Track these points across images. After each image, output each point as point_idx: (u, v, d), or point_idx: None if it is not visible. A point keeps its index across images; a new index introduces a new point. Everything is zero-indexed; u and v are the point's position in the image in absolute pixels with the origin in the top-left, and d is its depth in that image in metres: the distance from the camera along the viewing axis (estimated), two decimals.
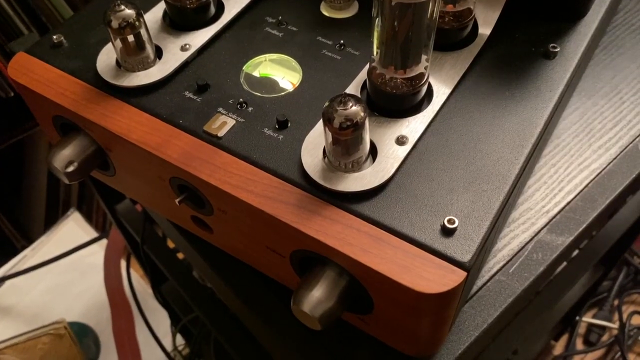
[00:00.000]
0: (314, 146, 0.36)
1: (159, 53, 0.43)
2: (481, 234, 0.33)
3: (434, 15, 0.33)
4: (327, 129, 0.33)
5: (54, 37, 0.44)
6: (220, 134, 0.38)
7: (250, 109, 0.39)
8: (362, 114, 0.33)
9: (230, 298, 0.48)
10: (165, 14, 0.45)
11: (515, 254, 0.44)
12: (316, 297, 0.33)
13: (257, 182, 0.36)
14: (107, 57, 0.42)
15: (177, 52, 0.42)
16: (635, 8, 0.61)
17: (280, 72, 0.42)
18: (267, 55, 0.43)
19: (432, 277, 0.31)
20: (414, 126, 0.37)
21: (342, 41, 0.43)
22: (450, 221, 0.33)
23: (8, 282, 1.12)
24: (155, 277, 0.90)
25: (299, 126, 0.38)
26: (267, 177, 0.36)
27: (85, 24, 0.46)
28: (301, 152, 0.36)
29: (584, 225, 0.45)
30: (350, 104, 0.32)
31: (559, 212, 0.46)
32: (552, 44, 0.41)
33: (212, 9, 0.44)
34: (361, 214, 0.34)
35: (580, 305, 1.12)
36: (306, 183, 0.35)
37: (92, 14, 0.46)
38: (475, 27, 0.42)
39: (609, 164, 0.49)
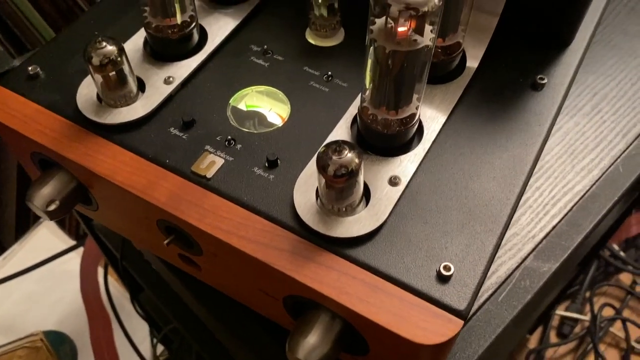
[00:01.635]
0: (306, 188, 0.36)
1: (141, 86, 0.41)
2: (476, 279, 0.33)
3: (427, 60, 0.33)
4: (321, 175, 0.33)
5: (30, 68, 0.42)
6: (209, 174, 0.37)
7: (238, 146, 0.39)
8: (356, 160, 0.32)
9: (221, 332, 0.47)
10: (146, 42, 0.43)
11: (504, 282, 0.44)
12: (311, 344, 0.33)
13: (248, 226, 0.35)
14: (87, 91, 0.40)
15: (160, 85, 0.41)
16: (614, 23, 0.61)
17: (267, 104, 0.41)
18: (253, 87, 0.42)
19: (430, 327, 0.31)
20: (405, 165, 0.37)
21: (329, 72, 0.42)
22: (446, 268, 0.33)
23: None
24: (133, 288, 0.89)
25: (290, 165, 0.38)
26: (259, 221, 0.35)
27: (62, 53, 0.44)
28: (293, 193, 0.36)
29: (570, 251, 0.46)
30: (345, 152, 0.32)
31: (544, 237, 0.47)
32: (539, 76, 0.41)
33: (195, 38, 0.43)
34: (356, 260, 0.33)
35: (554, 303, 1.15)
36: (299, 227, 0.35)
37: (68, 40, 0.45)
38: (464, 58, 0.42)
39: (592, 186, 0.49)
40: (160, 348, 1.06)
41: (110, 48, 0.37)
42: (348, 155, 0.32)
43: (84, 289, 1.10)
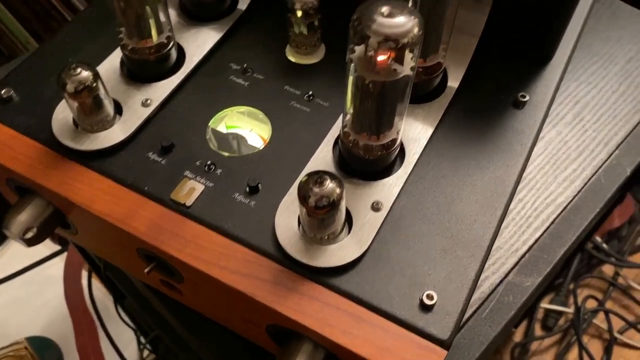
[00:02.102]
0: (287, 214, 0.35)
1: (118, 108, 0.40)
2: (459, 307, 0.33)
3: (408, 87, 0.33)
4: (302, 206, 0.32)
5: (2, 91, 0.41)
6: (189, 202, 0.37)
7: (219, 171, 0.38)
8: (338, 191, 0.32)
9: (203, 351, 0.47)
10: (122, 62, 0.42)
11: (487, 297, 0.45)
12: None
13: (230, 256, 0.35)
14: (63, 116, 0.40)
15: (137, 108, 0.40)
16: (596, 29, 0.61)
17: (248, 124, 0.41)
18: (233, 108, 0.41)
19: (414, 359, 0.31)
20: (388, 190, 0.36)
21: (310, 91, 0.42)
22: (429, 296, 0.33)
23: None
24: (117, 295, 0.88)
25: (271, 190, 0.37)
26: (241, 251, 0.35)
27: (36, 74, 0.43)
28: (275, 221, 0.35)
29: (552, 265, 0.46)
30: (327, 182, 0.31)
31: (527, 251, 0.47)
32: (521, 93, 0.41)
33: (173, 58, 0.42)
34: (339, 289, 0.33)
35: (539, 298, 1.16)
36: (282, 256, 0.34)
37: (42, 61, 0.44)
38: (445, 77, 0.41)
39: (574, 197, 0.50)
40: (147, 351, 1.05)
41: (85, 74, 0.36)
42: (329, 185, 0.31)
43: (68, 295, 1.09)
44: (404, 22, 0.29)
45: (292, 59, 0.44)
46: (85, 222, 0.40)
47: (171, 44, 0.41)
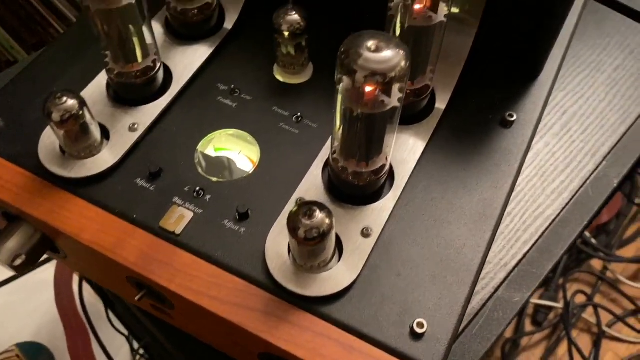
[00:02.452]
0: (278, 242, 0.35)
1: (105, 132, 0.40)
2: (449, 334, 0.33)
3: (396, 117, 0.33)
4: (292, 237, 0.32)
5: None
6: (178, 230, 0.36)
7: (208, 197, 0.38)
8: (327, 222, 0.32)
9: None
10: (108, 85, 0.42)
11: (477, 313, 0.45)
12: None
13: (220, 285, 0.35)
14: (49, 143, 0.39)
15: (124, 133, 0.40)
16: (582, 38, 0.61)
17: (236, 146, 0.41)
18: (221, 130, 0.41)
19: None
20: (377, 215, 0.37)
21: (299, 112, 0.42)
22: (420, 324, 0.33)
23: None
24: (108, 301, 0.88)
25: (261, 215, 0.37)
26: (231, 280, 0.35)
27: (20, 98, 0.42)
28: (265, 249, 0.35)
29: (541, 279, 0.46)
30: (316, 213, 0.31)
31: (516, 265, 0.47)
32: (509, 112, 0.41)
33: (160, 81, 0.42)
34: (330, 318, 0.33)
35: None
36: (273, 285, 0.34)
37: (26, 84, 0.43)
38: (433, 96, 0.41)
39: (562, 210, 0.50)
40: (139, 355, 1.05)
41: (71, 102, 0.36)
42: (319, 216, 0.31)
43: (58, 300, 1.08)
44: (390, 57, 0.29)
45: (280, 78, 0.44)
46: (75, 249, 0.40)
47: (158, 66, 0.41)
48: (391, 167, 0.38)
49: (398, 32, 0.35)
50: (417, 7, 0.33)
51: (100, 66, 0.42)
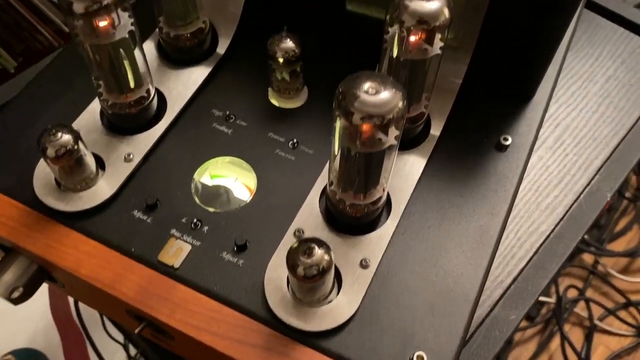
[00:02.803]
0: (277, 275, 0.35)
1: (100, 162, 0.40)
2: None
3: (393, 153, 0.33)
4: (291, 275, 0.32)
5: None
6: (177, 264, 0.36)
7: (205, 228, 0.38)
8: (326, 258, 0.32)
9: None
10: (102, 113, 0.42)
11: (475, 332, 0.45)
12: None
13: (220, 320, 0.35)
14: (44, 175, 0.39)
15: (120, 163, 0.40)
16: (574, 49, 0.61)
17: (233, 173, 0.40)
18: (217, 158, 0.41)
19: None
20: (376, 245, 0.37)
21: (294, 138, 0.42)
22: (419, 358, 0.33)
23: None
24: None
25: (259, 246, 0.37)
26: (231, 314, 0.35)
27: (13, 127, 0.42)
28: (264, 283, 0.35)
29: (537, 296, 0.47)
30: (315, 251, 0.32)
31: (512, 282, 0.48)
32: (504, 136, 0.42)
33: (154, 109, 0.42)
34: (331, 352, 0.34)
35: None
36: (272, 320, 0.34)
37: (18, 114, 0.43)
38: (429, 122, 0.41)
39: (557, 225, 0.50)
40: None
41: (66, 137, 0.36)
42: (318, 254, 0.32)
43: (53, 306, 1.08)
44: (387, 100, 0.29)
45: (275, 102, 0.44)
46: (72, 281, 0.39)
47: (152, 95, 0.40)
48: (388, 194, 0.38)
49: (394, 64, 0.35)
50: (412, 40, 0.33)
51: (92, 92, 0.42)
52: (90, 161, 0.38)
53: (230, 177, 0.40)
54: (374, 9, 0.43)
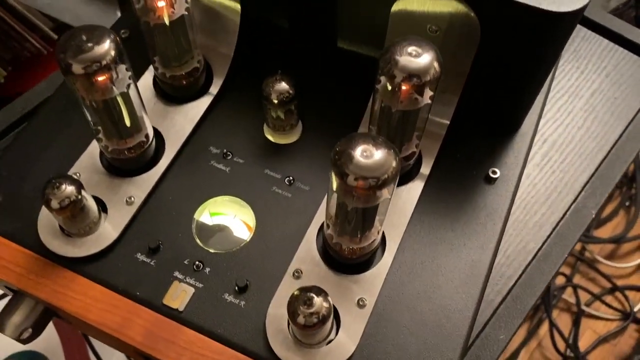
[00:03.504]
0: (277, 317, 0.37)
1: (101, 204, 0.41)
2: None
3: (388, 203, 0.34)
4: (292, 322, 0.34)
5: None
6: (181, 307, 0.38)
7: (207, 269, 0.39)
8: (326, 305, 0.34)
9: None
10: (102, 155, 0.43)
11: (464, 354, 0.47)
12: None
13: None
14: (48, 222, 0.40)
15: (122, 206, 0.41)
16: (560, 59, 0.63)
17: (231, 210, 0.42)
18: (217, 198, 0.42)
19: None
20: (372, 283, 0.38)
21: (290, 175, 0.43)
22: None
23: None
24: None
25: (260, 287, 0.39)
26: (235, 356, 0.37)
27: (14, 171, 0.43)
28: (266, 325, 0.37)
29: (525, 315, 0.49)
30: (314, 301, 0.33)
31: (501, 302, 0.49)
32: (492, 169, 0.43)
33: (152, 151, 0.42)
34: None
35: None
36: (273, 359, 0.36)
37: (18, 155, 0.44)
38: (420, 158, 0.43)
39: (544, 243, 0.52)
40: None
41: (69, 189, 0.37)
42: (317, 302, 0.33)
43: None
44: (381, 162, 0.30)
45: (270, 138, 0.45)
46: (80, 322, 0.41)
47: (150, 139, 0.41)
48: (382, 232, 0.40)
49: (385, 112, 0.36)
50: (402, 94, 0.34)
51: (90, 132, 0.43)
52: (93, 207, 0.39)
53: (229, 215, 0.42)
54: (364, 47, 0.44)
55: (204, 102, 0.45)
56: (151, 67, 0.46)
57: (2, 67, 0.93)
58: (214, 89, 0.46)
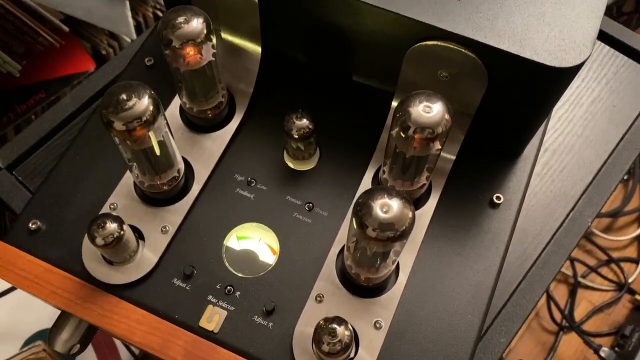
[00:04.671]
0: (302, 338, 0.41)
1: (137, 232, 0.45)
2: None
3: (405, 241, 0.38)
4: (317, 349, 0.38)
5: (30, 223, 0.45)
6: (216, 329, 0.42)
7: (237, 293, 0.44)
8: (347, 333, 0.38)
9: None
10: (136, 185, 0.46)
11: None
12: None
13: None
14: (91, 251, 0.44)
15: (157, 235, 0.45)
16: None
17: (257, 234, 0.46)
18: (244, 225, 0.46)
19: None
20: (387, 306, 0.43)
21: (309, 201, 0.47)
22: None
23: None
24: None
25: (286, 309, 0.43)
26: None
27: (54, 202, 0.46)
28: (293, 346, 0.41)
29: (524, 319, 0.54)
30: (337, 331, 0.38)
31: (502, 307, 0.54)
32: (496, 194, 0.47)
33: (184, 182, 0.46)
34: None
35: None
36: None
37: (57, 187, 0.47)
38: (430, 186, 0.46)
39: (543, 251, 0.56)
40: None
41: (112, 226, 0.41)
42: (340, 332, 0.38)
43: None
44: (397, 217, 0.34)
45: (290, 164, 0.48)
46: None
47: (182, 174, 0.45)
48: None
49: (399, 155, 0.39)
50: (415, 144, 0.37)
51: (124, 162, 0.46)
52: (132, 239, 0.43)
53: (255, 238, 0.46)
54: (377, 82, 0.47)
55: (228, 131, 0.49)
56: (177, 97, 0.49)
57: (16, 61, 0.95)
58: (237, 118, 0.49)
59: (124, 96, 0.37)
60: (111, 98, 0.37)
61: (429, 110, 0.36)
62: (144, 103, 0.37)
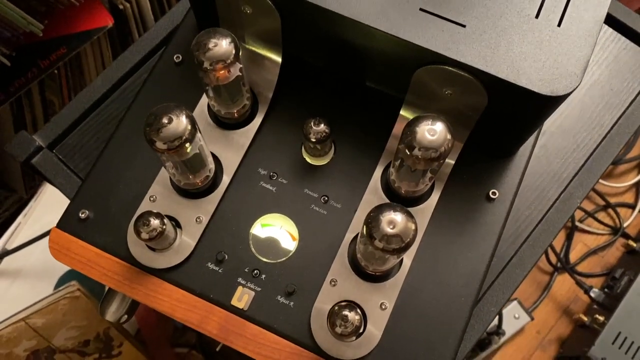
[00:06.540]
0: (319, 317, 0.49)
1: (175, 221, 0.51)
2: None
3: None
4: (331, 330, 0.45)
5: (80, 213, 0.52)
6: (245, 307, 0.50)
7: (263, 276, 0.51)
8: (357, 317, 0.45)
9: None
10: (172, 180, 0.52)
11: None
12: None
13: (280, 350, 0.49)
14: (135, 240, 0.50)
15: (193, 224, 0.51)
16: None
17: (279, 222, 0.52)
18: (267, 215, 0.52)
19: None
20: (391, 291, 0.50)
21: (325, 194, 0.53)
22: None
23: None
24: None
25: (305, 291, 0.50)
26: (288, 345, 0.49)
27: (100, 193, 0.53)
28: (310, 322, 0.49)
29: (513, 290, 0.61)
30: (350, 316, 0.45)
31: (495, 280, 0.61)
32: (492, 190, 0.52)
33: (213, 177, 0.52)
34: None
35: None
36: (318, 351, 0.48)
37: (101, 179, 0.53)
38: (432, 185, 0.52)
39: (534, 229, 0.62)
40: None
41: (155, 223, 0.47)
42: (351, 316, 0.45)
43: None
44: (403, 232, 0.40)
45: (307, 159, 0.54)
46: None
47: (213, 172, 0.51)
48: None
49: (405, 165, 0.45)
50: (420, 161, 0.42)
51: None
52: (171, 230, 0.50)
53: (277, 226, 0.52)
54: (388, 88, 0.51)
55: (251, 129, 0.54)
56: (205, 94, 0.54)
57: (39, 20, 0.98)
58: (260, 116, 0.54)
59: (165, 120, 0.42)
60: (154, 119, 0.42)
61: (433, 133, 0.42)
62: (182, 124, 0.42)
